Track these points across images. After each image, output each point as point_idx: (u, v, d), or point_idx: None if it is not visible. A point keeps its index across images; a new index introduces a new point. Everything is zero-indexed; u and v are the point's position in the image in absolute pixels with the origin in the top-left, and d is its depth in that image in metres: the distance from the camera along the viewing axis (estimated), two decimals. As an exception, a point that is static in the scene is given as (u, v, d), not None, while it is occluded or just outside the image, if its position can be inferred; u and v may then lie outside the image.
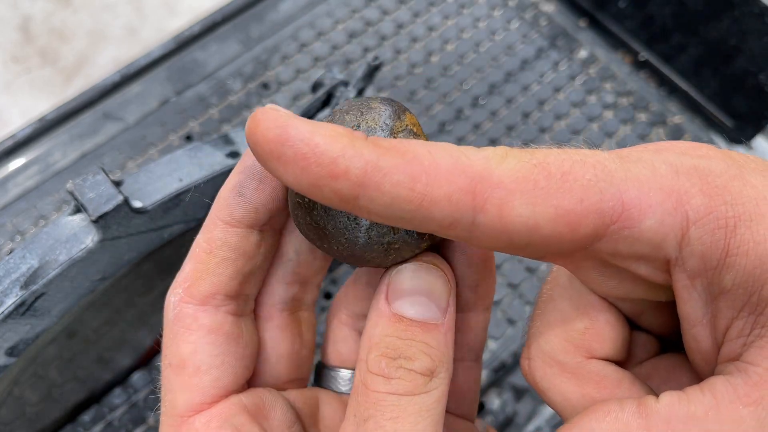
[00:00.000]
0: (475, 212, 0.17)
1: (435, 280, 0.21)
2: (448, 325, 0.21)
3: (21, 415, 0.40)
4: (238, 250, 0.22)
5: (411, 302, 0.21)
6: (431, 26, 0.59)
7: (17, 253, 0.31)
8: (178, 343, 0.22)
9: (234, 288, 0.23)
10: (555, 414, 0.47)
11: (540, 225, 0.18)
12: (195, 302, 0.22)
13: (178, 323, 0.22)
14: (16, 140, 0.52)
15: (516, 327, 0.49)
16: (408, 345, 0.20)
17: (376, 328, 0.21)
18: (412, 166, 0.17)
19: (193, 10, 0.79)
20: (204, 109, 0.54)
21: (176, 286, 0.23)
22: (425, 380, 0.20)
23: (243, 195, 0.22)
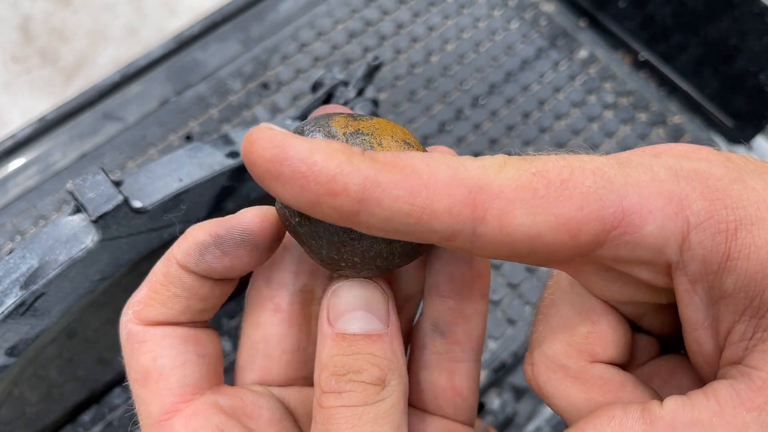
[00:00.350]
0: (475, 223, 0.17)
1: (370, 293, 0.22)
2: (393, 333, 0.22)
3: (21, 415, 0.40)
4: (190, 290, 0.23)
5: (351, 318, 0.22)
6: (431, 26, 0.59)
7: (17, 253, 0.31)
8: (136, 357, 0.23)
9: (184, 319, 0.23)
10: (555, 414, 0.47)
11: (541, 234, 0.18)
12: (143, 324, 0.23)
13: (131, 340, 0.23)
14: (16, 140, 0.52)
15: (516, 327, 0.49)
16: (354, 360, 0.21)
17: (324, 350, 0.21)
18: (411, 181, 0.17)
19: (193, 10, 0.79)
20: (204, 109, 0.54)
21: (128, 307, 0.23)
22: (376, 389, 0.21)
23: (203, 256, 0.22)
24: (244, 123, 0.54)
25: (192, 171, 0.34)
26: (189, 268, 0.22)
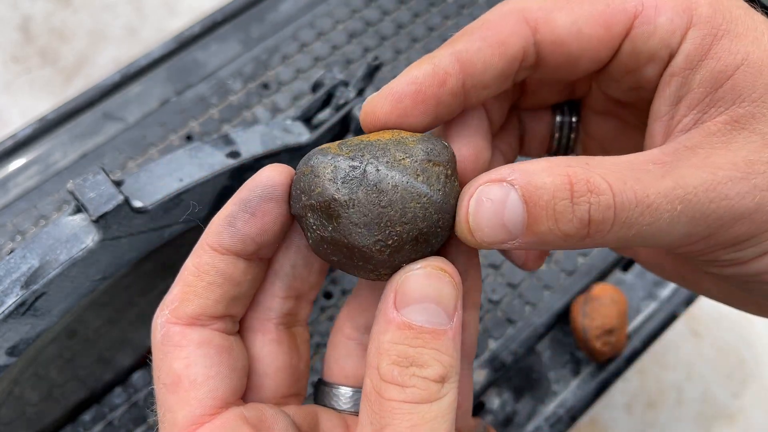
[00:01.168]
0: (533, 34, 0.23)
1: (443, 285, 0.21)
2: (456, 329, 0.22)
3: (21, 415, 0.40)
4: (224, 275, 0.23)
5: (420, 309, 0.21)
6: (431, 26, 0.59)
7: (18, 252, 0.31)
8: (169, 362, 0.22)
9: (219, 310, 0.23)
10: (555, 414, 0.47)
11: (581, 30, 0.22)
12: (182, 323, 0.23)
13: (167, 342, 0.23)
14: (17, 140, 0.52)
15: (516, 327, 0.49)
16: (419, 353, 0.21)
17: (386, 334, 0.21)
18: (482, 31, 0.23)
19: (193, 10, 0.80)
20: (204, 109, 0.54)
21: (163, 307, 0.23)
22: (438, 387, 0.21)
23: (234, 226, 0.23)
24: (244, 123, 0.54)
25: (192, 171, 0.34)
26: (223, 245, 0.23)
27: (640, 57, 0.23)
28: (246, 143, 0.36)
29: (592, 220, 0.20)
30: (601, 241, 0.21)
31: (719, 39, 0.21)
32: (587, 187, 0.20)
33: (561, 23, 0.23)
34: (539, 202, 0.20)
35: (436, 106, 0.23)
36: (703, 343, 0.67)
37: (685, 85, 0.22)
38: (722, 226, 0.21)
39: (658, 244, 0.21)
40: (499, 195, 0.21)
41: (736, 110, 0.21)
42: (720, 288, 0.27)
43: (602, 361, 0.48)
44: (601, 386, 0.48)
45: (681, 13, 0.22)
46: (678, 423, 0.63)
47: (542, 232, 0.21)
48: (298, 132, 0.38)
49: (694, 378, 0.65)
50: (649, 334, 0.49)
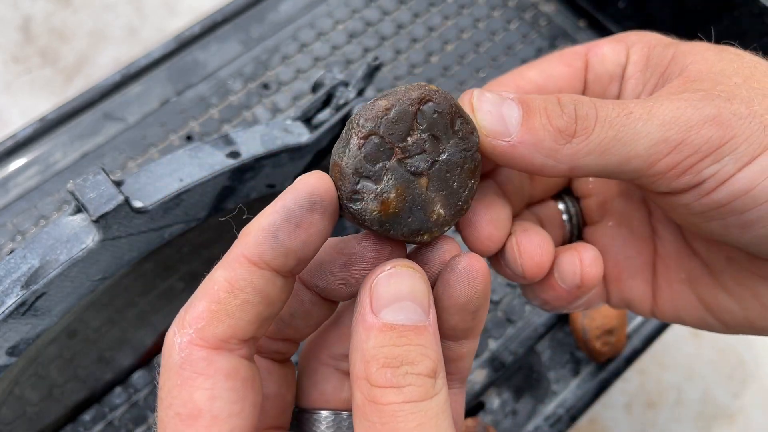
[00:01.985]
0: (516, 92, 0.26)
1: (415, 282, 0.21)
2: (434, 325, 0.22)
3: (22, 415, 0.40)
4: (261, 293, 0.21)
5: (397, 308, 0.21)
6: (431, 26, 0.59)
7: (18, 252, 0.31)
8: (190, 391, 0.20)
9: (250, 333, 0.21)
10: (554, 413, 0.47)
11: (548, 73, 0.29)
12: (208, 346, 0.20)
13: (189, 368, 0.20)
14: (17, 140, 0.52)
15: (516, 327, 0.49)
16: (407, 351, 0.20)
17: (368, 341, 0.21)
18: None
19: (193, 10, 0.80)
20: (204, 109, 0.54)
21: (184, 325, 0.21)
22: (432, 382, 0.20)
23: (277, 237, 0.21)
24: (244, 123, 0.54)
25: (192, 171, 0.34)
26: (263, 258, 0.21)
27: (602, 80, 0.29)
28: (246, 143, 0.36)
29: (578, 114, 0.23)
30: (585, 144, 0.23)
31: (653, 47, 0.27)
32: (571, 98, 0.24)
33: (532, 75, 0.29)
34: (532, 104, 0.24)
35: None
36: (702, 344, 0.67)
37: (639, 83, 0.27)
38: (691, 128, 0.23)
39: (638, 153, 0.23)
40: (497, 98, 0.24)
41: (685, 73, 0.25)
42: (740, 301, 0.27)
43: (602, 361, 0.48)
44: (601, 386, 0.48)
45: (617, 42, 0.28)
46: (678, 423, 0.63)
47: (536, 128, 0.23)
48: (298, 132, 0.38)
49: (694, 378, 0.65)
50: (648, 334, 0.49)
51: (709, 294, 0.28)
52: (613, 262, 0.30)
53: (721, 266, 0.27)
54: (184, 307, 0.21)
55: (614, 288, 0.31)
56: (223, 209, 0.37)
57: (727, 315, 0.28)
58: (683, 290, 0.29)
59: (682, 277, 0.29)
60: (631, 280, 0.30)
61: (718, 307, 0.28)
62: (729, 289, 0.27)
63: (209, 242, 0.43)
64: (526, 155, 0.23)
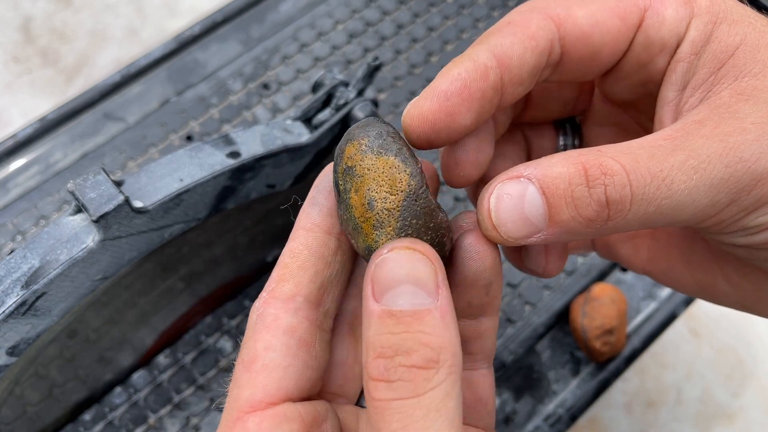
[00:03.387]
0: (558, 28, 0.24)
1: (416, 263, 0.20)
2: (444, 307, 0.20)
3: (22, 415, 0.40)
4: (317, 253, 0.23)
5: (396, 293, 0.20)
6: (431, 27, 0.59)
7: (18, 252, 0.31)
8: (254, 340, 0.23)
9: (313, 292, 0.23)
10: (554, 413, 0.47)
11: (600, 21, 0.24)
12: (277, 303, 0.23)
13: (260, 323, 0.23)
14: (17, 140, 0.52)
15: (516, 327, 0.49)
16: (403, 339, 0.19)
17: (370, 328, 0.20)
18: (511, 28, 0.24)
19: (193, 10, 0.80)
20: (204, 109, 0.54)
21: (262, 292, 0.24)
22: (428, 374, 0.19)
23: (318, 203, 0.24)
24: (244, 123, 0.54)
25: (192, 171, 0.34)
26: (313, 222, 0.24)
27: (652, 47, 0.24)
28: (246, 143, 0.36)
29: (609, 200, 0.21)
30: (624, 223, 0.21)
31: (718, 25, 0.23)
32: (601, 170, 0.21)
33: (581, 16, 0.24)
34: (557, 191, 0.21)
35: (480, 101, 0.23)
36: (702, 343, 0.67)
37: (691, 69, 0.24)
38: (743, 190, 0.21)
39: (683, 219, 0.21)
40: (517, 190, 0.21)
41: (739, 84, 0.22)
42: (738, 288, 0.27)
43: (602, 361, 0.48)
44: (601, 386, 0.48)
45: (684, 5, 0.24)
46: (677, 423, 0.64)
47: (565, 221, 0.21)
48: (298, 132, 0.38)
49: (694, 378, 0.65)
50: (648, 334, 0.49)
51: (706, 276, 0.28)
52: None
53: (728, 258, 0.27)
54: None
55: (600, 244, 0.31)
56: (224, 209, 0.37)
57: (721, 296, 0.28)
58: (680, 267, 0.28)
59: (681, 256, 0.28)
60: (620, 243, 0.30)
61: (714, 290, 0.28)
62: (729, 278, 0.27)
63: (209, 242, 0.43)
64: (557, 241, 0.22)
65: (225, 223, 0.42)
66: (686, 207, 0.21)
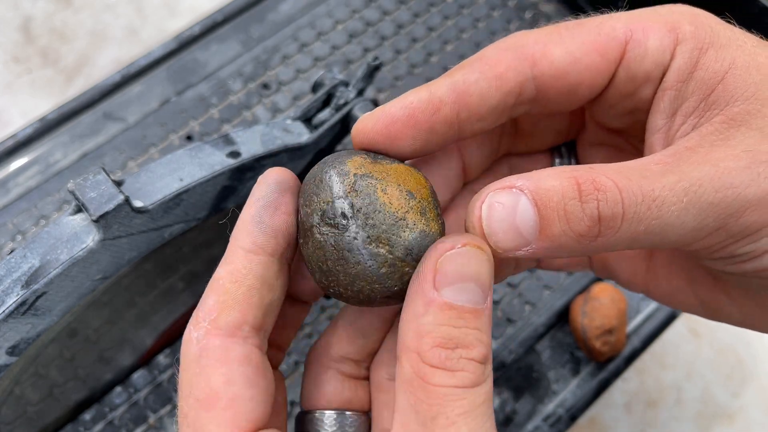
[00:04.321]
0: (531, 68, 0.23)
1: (482, 263, 0.21)
2: (490, 309, 0.22)
3: (22, 415, 0.40)
4: (261, 278, 0.23)
5: (461, 288, 0.21)
6: (431, 26, 0.59)
7: (18, 252, 0.31)
8: (207, 377, 0.21)
9: (259, 319, 0.23)
10: (554, 413, 0.47)
11: (578, 59, 0.23)
12: (223, 334, 0.22)
13: (206, 356, 0.22)
14: (17, 140, 0.52)
15: (516, 326, 0.49)
16: (464, 334, 0.20)
17: (426, 316, 0.21)
18: (481, 64, 0.24)
19: (193, 10, 0.80)
20: (204, 109, 0.54)
21: (198, 320, 0.22)
22: (482, 368, 0.21)
23: (262, 222, 0.23)
24: (244, 123, 0.54)
25: (192, 171, 0.34)
26: (257, 244, 0.23)
27: (636, 79, 0.24)
28: (246, 143, 0.36)
29: (602, 216, 0.21)
30: (613, 240, 0.21)
31: (705, 51, 0.22)
32: (594, 185, 0.21)
33: (558, 55, 0.24)
34: (549, 203, 0.21)
35: (428, 133, 0.24)
36: (702, 343, 0.67)
37: (679, 96, 0.23)
38: (731, 216, 0.21)
39: (670, 241, 0.21)
40: (509, 200, 0.21)
41: (730, 110, 0.22)
42: (741, 307, 0.26)
43: (602, 361, 0.48)
44: (601, 386, 0.48)
45: (668, 33, 0.23)
46: (677, 423, 0.64)
47: (555, 235, 0.21)
48: (298, 132, 0.38)
49: (694, 378, 0.65)
50: (648, 333, 0.49)
51: (709, 296, 0.27)
52: None
53: (728, 277, 0.26)
54: (196, 309, 0.23)
55: (598, 263, 0.30)
56: (223, 209, 0.37)
57: (724, 316, 0.27)
58: (682, 286, 0.28)
59: (683, 275, 0.28)
60: (618, 263, 0.30)
61: (716, 309, 0.27)
62: (732, 295, 0.26)
63: (209, 242, 0.43)
64: (546, 255, 0.22)
65: (225, 223, 0.42)
66: (675, 228, 0.21)
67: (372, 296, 0.23)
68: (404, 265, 0.22)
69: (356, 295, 0.23)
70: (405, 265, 0.22)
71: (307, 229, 0.23)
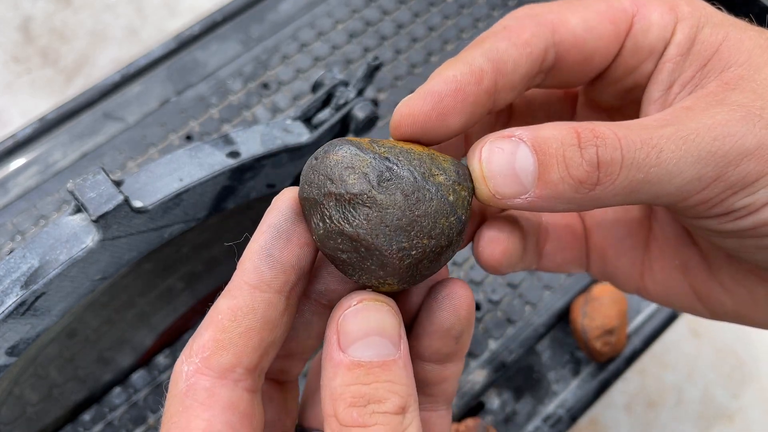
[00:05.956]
0: (552, 34, 0.24)
1: (384, 315, 0.21)
2: (405, 357, 0.21)
3: (21, 415, 0.40)
4: (263, 318, 0.21)
5: (365, 344, 0.21)
6: (431, 26, 0.59)
7: (18, 252, 0.31)
8: (188, 419, 0.20)
9: (254, 361, 0.21)
10: (554, 414, 0.47)
11: (593, 26, 0.24)
12: (213, 375, 0.21)
13: (191, 396, 0.21)
14: (17, 140, 0.52)
15: (516, 327, 0.49)
16: (374, 389, 0.20)
17: (336, 379, 0.20)
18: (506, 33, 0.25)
19: (193, 10, 0.80)
20: (204, 109, 0.54)
21: (191, 354, 0.21)
22: (399, 419, 0.20)
23: (272, 255, 0.21)
24: (244, 123, 0.54)
25: (192, 171, 0.34)
26: (263, 281, 0.21)
27: (641, 52, 0.25)
28: (246, 143, 0.36)
29: (600, 162, 0.21)
30: (611, 189, 0.21)
31: (702, 28, 0.24)
32: (593, 134, 0.21)
33: (575, 23, 0.24)
34: (548, 150, 0.21)
35: (474, 105, 0.23)
36: (702, 344, 0.67)
37: (677, 69, 0.24)
38: (729, 164, 0.21)
39: (668, 193, 0.21)
40: (509, 146, 0.21)
41: (725, 75, 0.23)
42: (733, 296, 0.26)
43: (602, 361, 0.48)
44: (601, 386, 0.48)
45: (668, 10, 0.25)
46: (678, 423, 0.63)
47: (554, 182, 0.21)
48: (298, 132, 0.38)
49: (694, 378, 0.65)
50: (649, 334, 0.49)
51: (702, 284, 0.27)
52: (601, 236, 0.29)
53: (720, 262, 0.27)
54: (192, 336, 0.22)
55: (597, 260, 0.30)
56: (223, 209, 0.37)
57: (717, 306, 0.27)
58: (676, 277, 0.28)
59: (676, 264, 0.28)
60: (618, 258, 0.29)
61: (710, 298, 0.27)
62: (724, 283, 0.27)
63: (209, 242, 0.43)
64: (544, 206, 0.22)
65: (225, 223, 0.42)
66: (673, 177, 0.21)
67: (450, 234, 0.21)
68: (461, 189, 0.22)
69: (438, 238, 0.21)
70: (462, 189, 0.22)
71: (349, 202, 0.21)
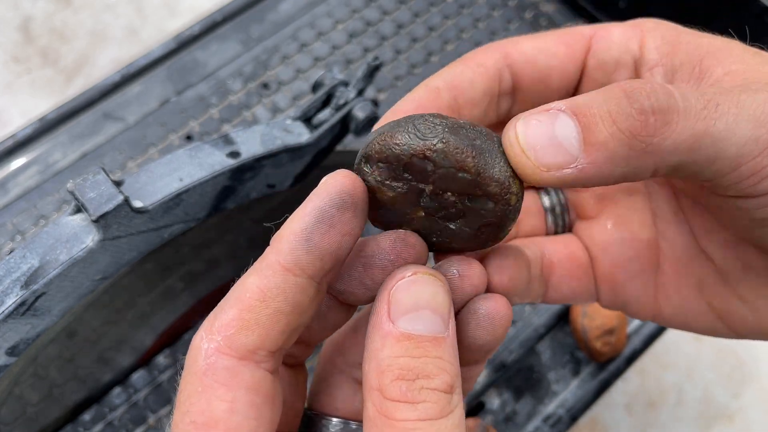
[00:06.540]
0: (505, 58, 0.26)
1: (437, 290, 0.21)
2: (453, 336, 0.21)
3: (21, 415, 0.40)
4: (293, 302, 0.20)
5: (416, 317, 0.20)
6: (431, 26, 0.59)
7: (18, 252, 0.31)
8: (209, 399, 0.19)
9: (278, 344, 0.20)
10: (554, 414, 0.47)
11: (544, 47, 0.26)
12: (235, 355, 0.20)
13: (211, 376, 0.20)
14: (17, 140, 0.52)
15: (516, 327, 0.49)
16: (424, 363, 0.19)
17: (383, 350, 0.20)
18: None
19: (193, 10, 0.79)
20: (204, 109, 0.54)
21: (212, 331, 0.20)
22: (448, 398, 0.19)
23: (310, 240, 0.20)
24: (244, 123, 0.54)
25: (192, 171, 0.34)
26: (299, 265, 0.20)
27: (606, 65, 0.26)
28: (246, 143, 0.36)
29: (655, 107, 0.19)
30: (671, 141, 0.19)
31: (679, 34, 0.25)
32: (641, 85, 0.20)
33: (527, 46, 0.26)
34: (590, 111, 0.20)
35: None
36: (702, 344, 0.67)
37: (670, 69, 0.24)
38: None
39: (727, 154, 0.20)
40: (546, 117, 0.20)
41: (729, 66, 0.23)
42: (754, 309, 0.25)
43: (602, 361, 0.48)
44: (601, 386, 0.48)
45: (631, 28, 0.26)
46: (678, 423, 0.63)
47: (603, 141, 0.19)
48: (298, 132, 0.38)
49: (694, 378, 0.65)
50: (649, 334, 0.49)
51: (721, 301, 0.26)
52: (608, 262, 0.28)
53: (737, 274, 0.25)
54: (213, 312, 0.21)
55: (607, 288, 0.29)
56: (223, 209, 0.37)
57: (738, 322, 0.26)
58: (693, 296, 0.27)
59: (692, 283, 0.27)
60: (629, 282, 0.28)
61: (729, 315, 0.26)
62: (744, 297, 0.25)
63: (209, 242, 0.43)
64: (598, 175, 0.20)
65: (225, 223, 0.42)
66: (731, 136, 0.19)
67: (517, 204, 0.22)
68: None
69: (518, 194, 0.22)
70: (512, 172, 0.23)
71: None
